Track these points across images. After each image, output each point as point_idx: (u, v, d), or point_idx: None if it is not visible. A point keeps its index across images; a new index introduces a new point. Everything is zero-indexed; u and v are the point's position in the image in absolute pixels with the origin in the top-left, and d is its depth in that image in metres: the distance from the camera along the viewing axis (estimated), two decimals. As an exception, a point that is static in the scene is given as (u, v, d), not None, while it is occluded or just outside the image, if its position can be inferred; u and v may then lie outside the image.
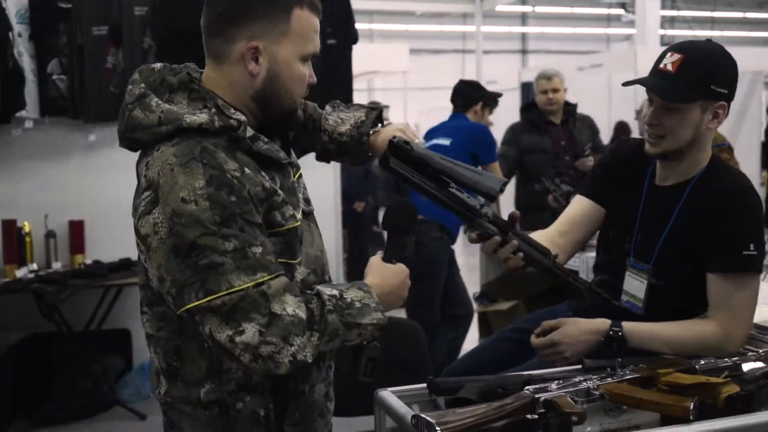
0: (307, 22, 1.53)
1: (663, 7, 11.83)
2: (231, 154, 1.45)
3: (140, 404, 4.33)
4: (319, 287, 1.48)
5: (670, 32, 17.40)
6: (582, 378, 1.59)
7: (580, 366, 1.80)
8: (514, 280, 4.25)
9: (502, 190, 1.71)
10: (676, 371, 1.64)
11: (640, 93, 8.99)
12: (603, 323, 1.93)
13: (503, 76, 11.41)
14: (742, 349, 1.87)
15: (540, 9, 15.72)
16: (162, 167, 1.42)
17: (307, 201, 1.67)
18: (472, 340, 4.61)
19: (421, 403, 1.73)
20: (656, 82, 1.93)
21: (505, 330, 2.34)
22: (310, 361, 1.41)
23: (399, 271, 1.57)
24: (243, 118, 1.49)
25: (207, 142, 1.44)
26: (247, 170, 1.45)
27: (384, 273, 1.56)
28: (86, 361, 4.26)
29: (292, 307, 1.40)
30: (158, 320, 1.54)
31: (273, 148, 1.53)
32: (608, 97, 10.28)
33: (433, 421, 1.39)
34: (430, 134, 4.59)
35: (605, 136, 9.35)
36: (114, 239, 4.34)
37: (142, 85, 1.51)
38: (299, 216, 1.56)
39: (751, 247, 1.88)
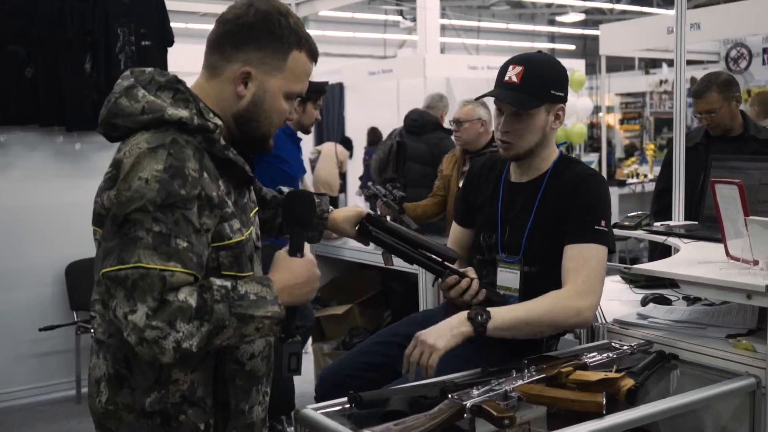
0: (302, 64, 1.63)
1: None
2: (199, 154, 1.51)
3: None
4: (212, 278, 1.50)
5: (441, 39, 18.35)
6: (497, 381, 1.69)
7: (479, 369, 1.89)
8: (345, 284, 4.31)
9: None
10: (574, 369, 1.80)
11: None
12: (462, 312, 1.99)
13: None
14: (616, 344, 2.06)
15: (324, 13, 15.93)
16: (131, 149, 1.48)
17: (258, 237, 1.73)
18: (301, 344, 4.60)
19: (342, 417, 1.73)
20: (506, 93, 2.15)
21: (383, 333, 2.40)
22: (195, 350, 1.42)
23: (306, 263, 1.61)
24: (219, 122, 1.56)
25: (180, 137, 1.50)
26: (206, 175, 1.50)
27: (290, 267, 1.59)
28: None
29: (184, 294, 1.42)
30: (109, 326, 1.55)
31: (240, 160, 1.60)
32: (397, 101, 10.68)
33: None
34: None
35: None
36: None
37: (132, 79, 1.57)
38: (246, 232, 1.61)
39: (602, 223, 2.11)
